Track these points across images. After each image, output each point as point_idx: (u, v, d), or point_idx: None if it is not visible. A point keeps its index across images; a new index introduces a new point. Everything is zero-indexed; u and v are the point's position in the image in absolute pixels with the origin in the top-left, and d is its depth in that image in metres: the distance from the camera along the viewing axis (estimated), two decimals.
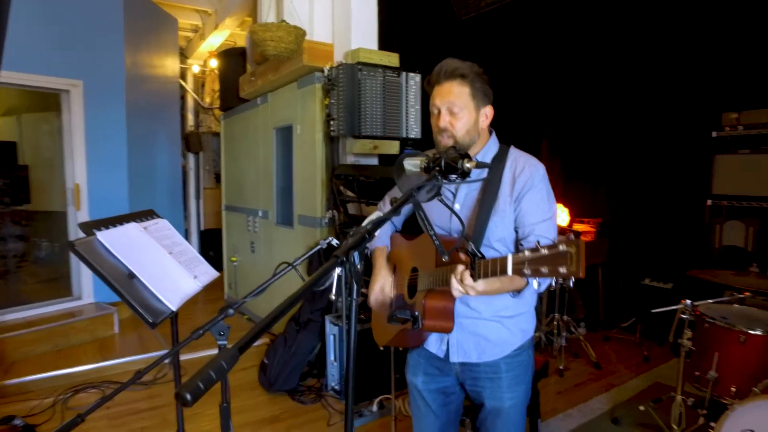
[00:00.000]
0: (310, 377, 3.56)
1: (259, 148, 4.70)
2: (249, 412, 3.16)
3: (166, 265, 1.60)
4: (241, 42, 7.32)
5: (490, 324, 1.51)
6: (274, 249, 4.47)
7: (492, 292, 1.33)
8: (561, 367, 3.76)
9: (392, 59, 3.58)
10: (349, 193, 3.49)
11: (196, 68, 7.64)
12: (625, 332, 4.44)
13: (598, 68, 4.77)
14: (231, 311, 1.39)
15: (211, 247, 7.39)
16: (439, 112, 1.47)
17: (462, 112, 1.45)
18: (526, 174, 1.45)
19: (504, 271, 1.09)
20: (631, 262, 4.68)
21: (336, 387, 3.30)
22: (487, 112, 1.51)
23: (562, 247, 0.97)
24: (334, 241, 1.44)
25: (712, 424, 2.59)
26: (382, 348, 1.78)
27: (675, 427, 2.59)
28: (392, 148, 3.72)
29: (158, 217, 1.83)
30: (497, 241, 1.48)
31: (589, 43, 4.72)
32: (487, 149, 1.53)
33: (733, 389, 2.63)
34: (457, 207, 1.52)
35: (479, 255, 1.19)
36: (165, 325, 1.67)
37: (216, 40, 6.92)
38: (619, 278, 4.73)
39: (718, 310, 2.88)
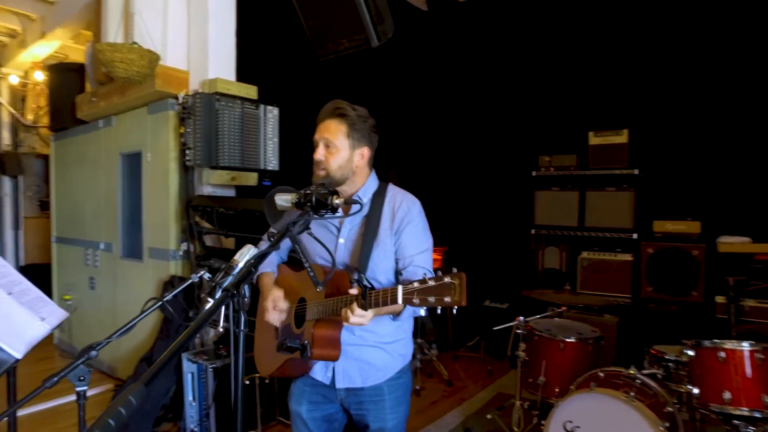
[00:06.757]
0: (165, 422, 3.28)
1: (100, 174, 4.27)
2: None
3: (5, 307, 1.39)
4: (74, 56, 6.56)
5: (373, 350, 1.60)
6: (120, 285, 4.05)
7: (380, 314, 1.43)
8: (417, 387, 4.01)
9: (250, 91, 3.58)
10: (207, 225, 3.35)
11: (14, 79, 6.65)
12: (471, 350, 4.90)
13: (440, 115, 5.52)
14: (94, 353, 1.28)
15: (35, 284, 6.34)
16: (317, 145, 1.56)
17: (336, 148, 1.54)
18: (404, 209, 1.59)
19: (395, 301, 1.20)
20: (473, 286, 5.18)
21: (195, 429, 3.08)
22: (364, 153, 1.61)
23: (447, 279, 1.12)
24: (206, 275, 1.41)
25: (543, 422, 3.01)
26: (267, 380, 1.75)
27: (516, 429, 2.94)
28: (250, 179, 3.67)
29: None
30: (381, 271, 1.58)
31: (434, 94, 5.44)
32: (367, 186, 1.64)
33: (557, 389, 3.08)
34: (341, 241, 1.60)
35: (370, 286, 1.29)
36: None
37: (41, 50, 6.13)
38: None
39: (544, 324, 3.37)
